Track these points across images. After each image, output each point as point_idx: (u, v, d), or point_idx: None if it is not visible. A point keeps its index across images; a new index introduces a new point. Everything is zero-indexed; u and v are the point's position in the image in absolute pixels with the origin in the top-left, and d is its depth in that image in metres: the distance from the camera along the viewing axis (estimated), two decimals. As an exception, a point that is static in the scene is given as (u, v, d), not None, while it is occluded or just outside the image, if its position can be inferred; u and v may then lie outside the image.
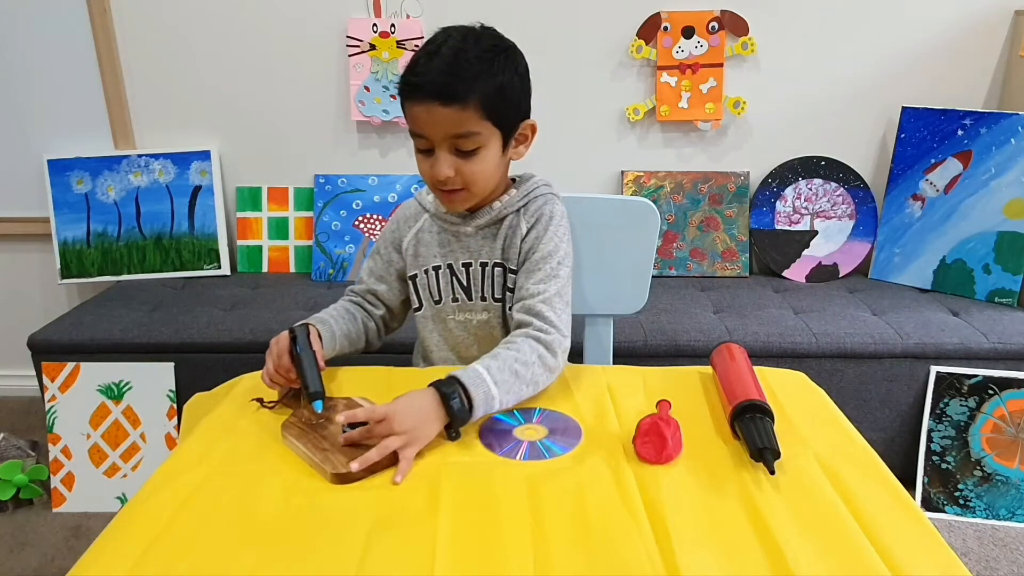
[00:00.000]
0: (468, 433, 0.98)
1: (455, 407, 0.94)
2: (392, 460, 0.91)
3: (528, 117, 1.14)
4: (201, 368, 1.88)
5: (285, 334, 1.08)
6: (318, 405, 0.99)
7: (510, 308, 1.17)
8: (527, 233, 1.16)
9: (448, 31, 1.08)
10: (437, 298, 1.22)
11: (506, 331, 1.19)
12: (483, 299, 1.20)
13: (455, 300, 1.21)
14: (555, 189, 1.22)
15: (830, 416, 1.05)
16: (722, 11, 2.15)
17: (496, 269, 1.18)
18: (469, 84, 1.03)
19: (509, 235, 1.17)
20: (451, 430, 0.96)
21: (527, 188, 1.18)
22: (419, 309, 1.25)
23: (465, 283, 1.20)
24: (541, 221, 1.16)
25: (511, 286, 1.18)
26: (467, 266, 1.19)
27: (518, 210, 1.18)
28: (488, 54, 1.06)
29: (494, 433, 0.98)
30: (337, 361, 1.17)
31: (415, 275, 1.23)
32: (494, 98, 1.05)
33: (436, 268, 1.21)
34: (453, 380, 0.96)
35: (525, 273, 1.14)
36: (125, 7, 2.18)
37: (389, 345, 1.85)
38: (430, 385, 0.96)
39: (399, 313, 1.31)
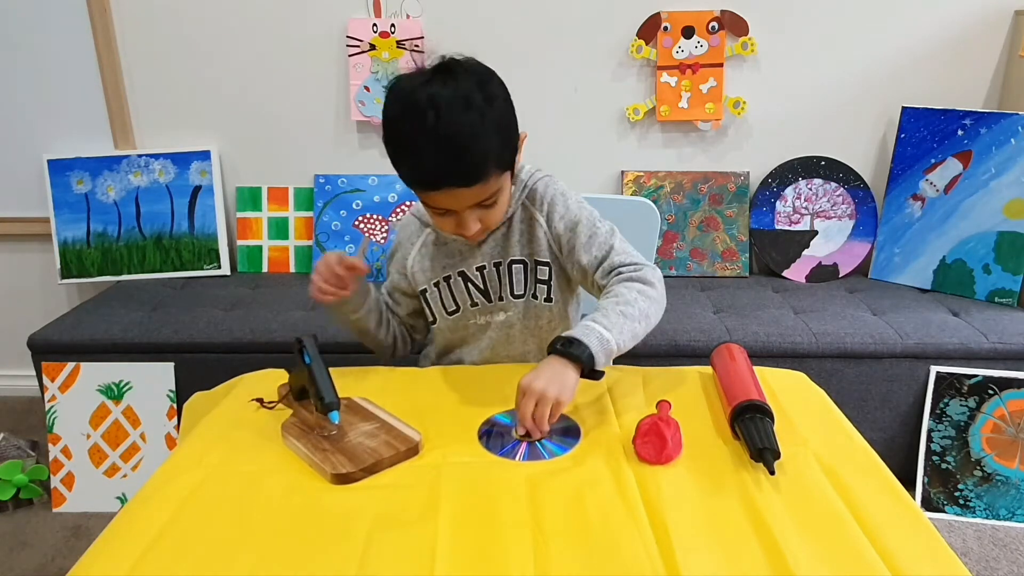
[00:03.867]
0: (469, 433, 0.98)
1: (580, 353, 0.97)
2: (394, 460, 0.91)
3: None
4: (201, 368, 1.88)
5: (322, 265, 1.11)
6: (334, 416, 0.96)
7: (546, 298, 1.20)
8: (548, 222, 1.17)
9: (428, 97, 0.98)
10: (453, 308, 1.23)
11: (533, 327, 1.22)
12: (501, 299, 1.21)
13: (474, 305, 1.22)
14: (543, 169, 1.23)
15: (830, 416, 1.05)
16: (722, 11, 2.15)
17: (515, 266, 1.19)
18: (483, 158, 1.01)
19: (524, 230, 1.18)
20: (588, 374, 0.99)
21: (522, 181, 1.19)
22: (435, 322, 1.25)
23: (483, 286, 1.21)
24: (556, 203, 1.17)
25: (542, 278, 1.19)
26: (481, 269, 1.20)
27: (523, 205, 1.18)
28: (481, 109, 0.99)
29: (493, 433, 0.98)
30: (337, 362, 1.17)
31: (424, 290, 1.23)
32: (502, 151, 1.04)
33: (447, 279, 1.21)
34: (563, 338, 1.00)
35: (581, 248, 1.15)
36: (125, 7, 2.18)
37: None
38: (548, 351, 1.00)
39: (417, 324, 1.32)
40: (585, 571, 0.73)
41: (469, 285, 1.21)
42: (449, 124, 0.97)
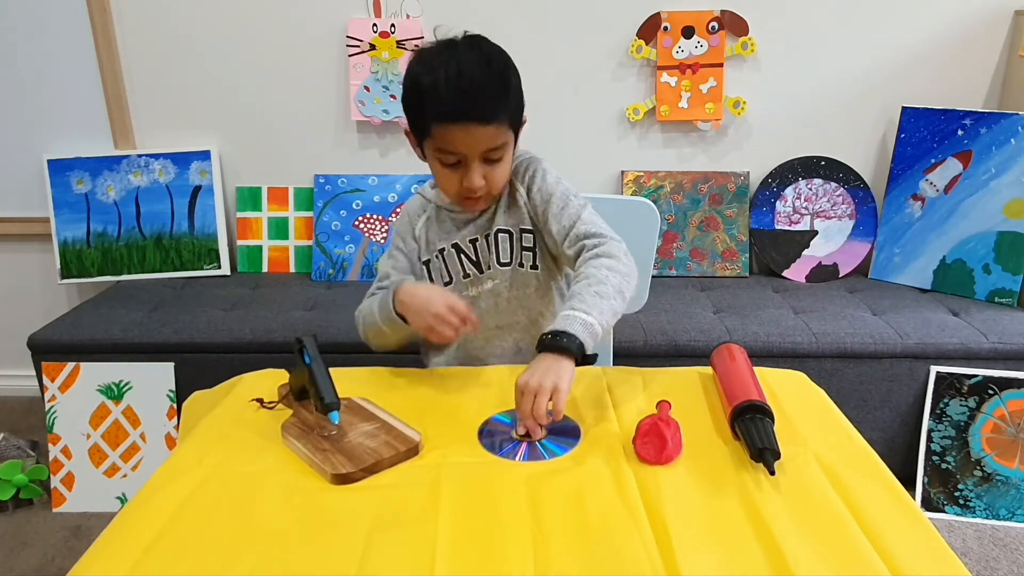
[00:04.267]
0: (469, 433, 0.98)
1: (569, 344, 1.00)
2: (394, 460, 0.91)
3: None
4: (201, 368, 1.88)
5: (450, 304, 1.09)
6: (334, 416, 0.96)
7: (532, 265, 1.24)
8: (528, 192, 1.22)
9: (450, 49, 1.11)
10: (447, 279, 1.27)
11: (519, 295, 1.26)
12: (489, 267, 1.25)
13: (466, 276, 1.26)
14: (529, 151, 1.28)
15: (830, 416, 1.05)
16: (722, 11, 2.15)
17: (501, 235, 1.23)
18: (500, 102, 1.09)
19: (508, 203, 1.24)
20: (581, 361, 1.01)
21: (513, 161, 1.24)
22: None
23: (474, 257, 1.25)
24: (535, 176, 1.22)
25: (527, 245, 1.24)
26: (474, 241, 1.25)
27: (508, 180, 1.23)
28: (502, 67, 1.11)
29: (494, 434, 0.98)
30: (337, 362, 1.17)
31: (428, 260, 1.28)
32: (515, 109, 1.13)
33: (442, 251, 1.26)
34: (547, 334, 1.02)
35: (552, 217, 1.19)
36: (125, 7, 2.18)
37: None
38: (537, 350, 1.03)
39: None
40: (585, 571, 0.73)
41: (461, 256, 1.25)
42: (472, 68, 1.07)
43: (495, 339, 1.28)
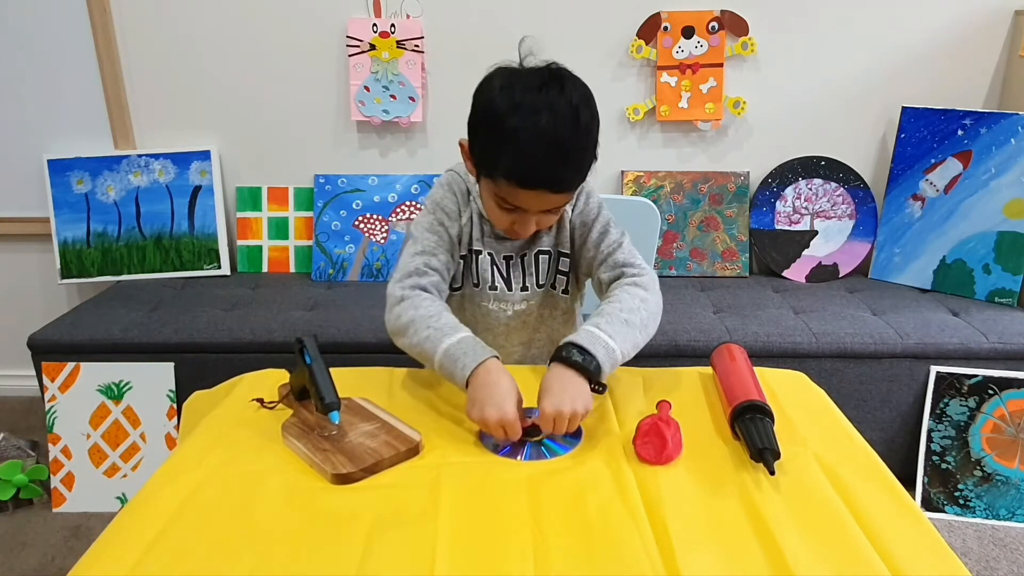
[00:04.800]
0: (469, 433, 0.98)
1: (588, 365, 0.99)
2: (394, 460, 0.91)
3: None
4: (201, 368, 1.88)
5: (505, 421, 0.94)
6: (335, 416, 0.95)
7: (564, 289, 1.23)
8: (573, 212, 1.20)
9: (541, 91, 1.01)
10: (476, 281, 1.23)
11: (545, 315, 1.25)
12: (524, 288, 1.23)
13: (493, 288, 1.22)
14: None
15: (830, 416, 1.05)
16: (722, 11, 2.15)
17: (542, 256, 1.21)
18: (581, 170, 1.05)
19: (555, 225, 1.20)
20: (593, 385, 0.99)
21: None
22: (459, 288, 1.24)
23: (505, 274, 1.22)
24: (579, 197, 1.20)
25: (563, 269, 1.22)
26: (508, 259, 1.21)
27: None
28: (589, 123, 1.03)
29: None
30: (337, 362, 1.17)
31: (464, 254, 1.20)
32: (589, 167, 1.07)
33: (478, 253, 1.21)
34: (571, 345, 1.00)
35: (592, 241, 1.18)
36: (125, 7, 2.18)
37: (390, 345, 1.86)
38: (552, 361, 1.00)
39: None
40: (585, 571, 0.73)
41: (494, 268, 1.22)
42: (562, 131, 1.00)
43: (515, 355, 1.28)
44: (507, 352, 1.27)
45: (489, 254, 1.21)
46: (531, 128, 0.99)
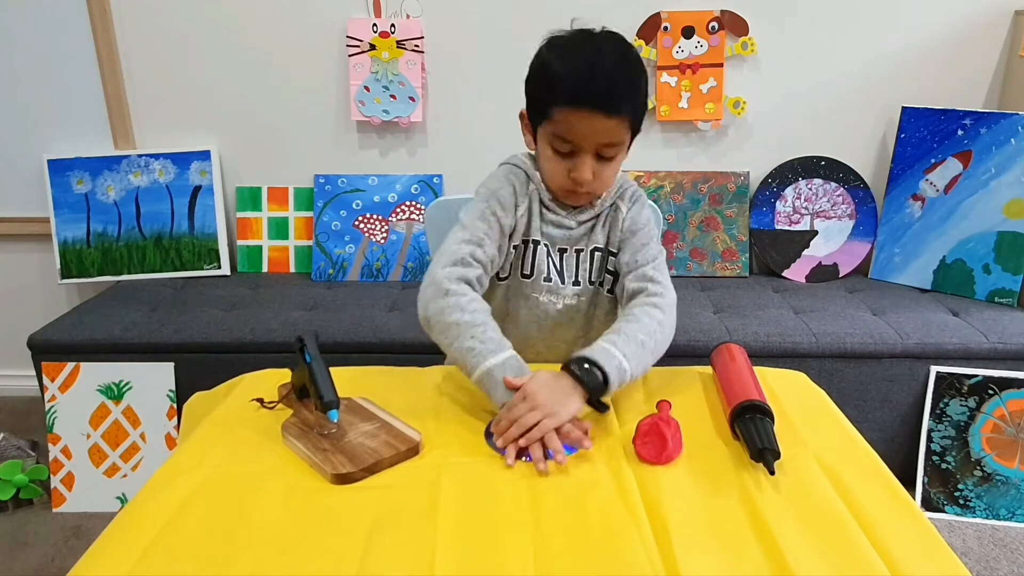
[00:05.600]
0: (469, 432, 0.98)
1: (591, 382, 0.98)
2: (394, 460, 0.91)
3: None
4: (201, 368, 1.88)
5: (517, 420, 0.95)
6: (333, 415, 0.95)
7: (609, 289, 1.23)
8: (626, 215, 1.21)
9: (591, 38, 1.12)
10: (528, 272, 1.21)
11: (592, 314, 1.25)
12: (576, 283, 1.23)
13: (548, 280, 1.22)
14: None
15: (830, 416, 1.05)
16: (722, 11, 2.15)
17: (596, 254, 1.22)
18: (629, 98, 1.08)
19: (610, 222, 1.22)
20: (594, 403, 0.99)
21: (620, 182, 1.23)
22: (506, 278, 1.23)
23: (559, 266, 1.22)
24: (637, 201, 1.23)
25: (611, 268, 1.22)
26: (563, 251, 1.22)
27: (614, 202, 1.22)
28: (638, 67, 1.10)
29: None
30: (337, 361, 1.17)
31: (517, 244, 1.19)
32: (640, 109, 1.11)
33: (535, 243, 1.20)
34: (583, 359, 1.00)
35: (631, 247, 1.19)
36: (125, 7, 2.18)
37: (390, 345, 1.87)
38: (563, 368, 1.00)
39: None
40: (585, 571, 0.73)
41: (549, 260, 1.21)
42: (608, 60, 1.07)
43: (559, 350, 1.25)
44: (552, 347, 1.26)
45: (545, 245, 1.21)
46: (579, 57, 1.08)
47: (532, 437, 0.92)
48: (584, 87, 1.05)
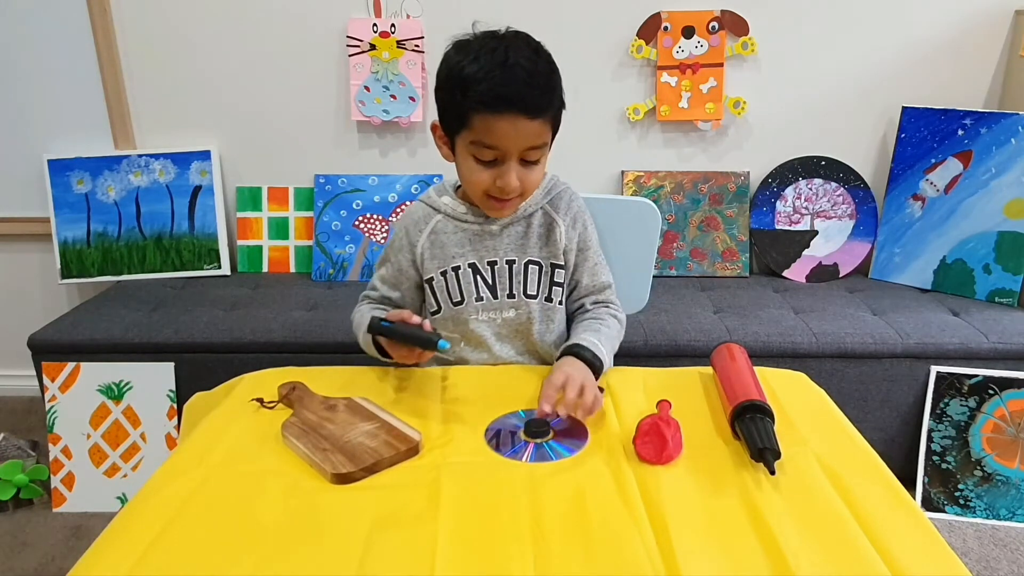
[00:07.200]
0: (469, 432, 0.98)
1: (596, 363, 1.08)
2: (394, 460, 0.91)
3: None
4: (201, 368, 1.88)
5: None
6: (443, 344, 1.01)
7: (560, 301, 1.23)
8: (568, 232, 1.20)
9: (496, 38, 1.09)
10: (458, 299, 1.20)
11: (537, 327, 1.22)
12: (511, 296, 1.20)
13: (479, 299, 1.20)
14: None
15: (830, 416, 1.05)
16: (722, 11, 2.15)
17: (532, 266, 1.20)
18: (549, 98, 1.06)
19: (543, 233, 1.20)
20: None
21: (546, 183, 1.22)
22: (437, 312, 1.23)
23: (491, 281, 1.19)
24: (577, 220, 1.22)
25: (558, 280, 1.21)
26: (492, 264, 1.19)
27: (543, 209, 1.20)
28: (552, 64, 1.09)
29: (501, 434, 0.98)
30: (337, 361, 1.18)
31: (431, 278, 1.20)
32: (558, 108, 1.10)
33: (456, 269, 1.19)
34: (580, 346, 1.09)
35: (584, 271, 1.23)
36: (125, 7, 2.18)
37: (389, 345, 1.87)
38: (564, 354, 1.10)
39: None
40: (585, 571, 0.73)
41: (478, 278, 1.19)
42: (522, 58, 1.05)
43: (525, 357, 1.25)
44: (503, 362, 1.23)
45: (471, 265, 1.18)
46: (491, 59, 1.04)
47: (587, 397, 0.99)
48: (504, 89, 1.02)
